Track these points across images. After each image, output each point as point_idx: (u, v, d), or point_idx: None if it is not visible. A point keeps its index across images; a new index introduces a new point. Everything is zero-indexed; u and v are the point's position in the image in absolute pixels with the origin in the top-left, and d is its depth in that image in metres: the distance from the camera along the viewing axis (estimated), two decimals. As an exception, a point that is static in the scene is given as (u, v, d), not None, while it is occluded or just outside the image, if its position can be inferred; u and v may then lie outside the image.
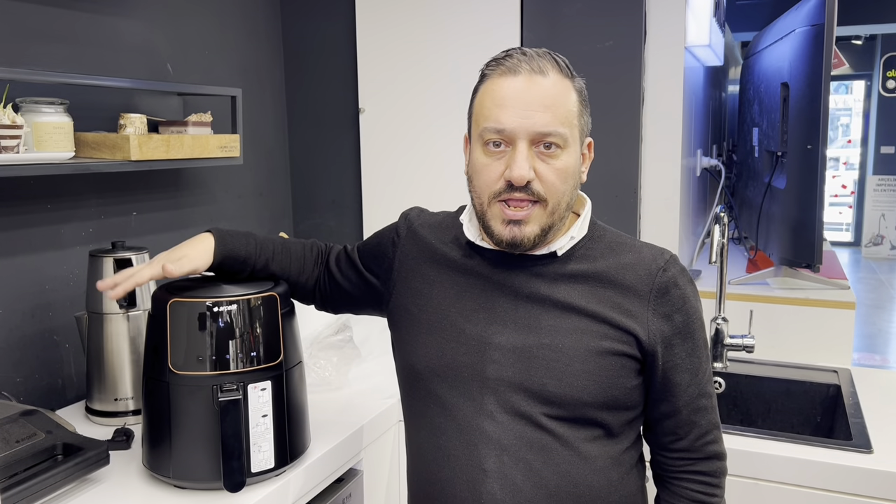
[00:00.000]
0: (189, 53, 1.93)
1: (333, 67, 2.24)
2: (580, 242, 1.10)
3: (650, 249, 1.10)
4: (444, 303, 1.11)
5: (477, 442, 1.05)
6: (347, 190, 2.29)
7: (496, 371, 1.05)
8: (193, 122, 1.73)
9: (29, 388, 1.54)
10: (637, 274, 1.06)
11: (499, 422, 1.04)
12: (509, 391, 1.04)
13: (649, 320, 1.05)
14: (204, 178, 2.00)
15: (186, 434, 1.16)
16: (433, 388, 1.10)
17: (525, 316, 1.07)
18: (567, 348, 1.04)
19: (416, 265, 1.18)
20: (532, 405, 1.04)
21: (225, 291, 1.19)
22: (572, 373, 1.03)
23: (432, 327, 1.11)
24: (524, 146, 1.01)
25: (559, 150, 1.02)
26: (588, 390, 1.03)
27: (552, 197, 1.03)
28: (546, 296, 1.06)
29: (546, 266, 1.08)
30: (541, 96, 1.01)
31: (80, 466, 1.16)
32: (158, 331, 1.17)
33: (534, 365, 1.04)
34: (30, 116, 1.40)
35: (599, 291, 1.06)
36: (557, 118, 1.01)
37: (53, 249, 1.58)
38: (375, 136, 2.20)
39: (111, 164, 1.49)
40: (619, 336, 1.04)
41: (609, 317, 1.04)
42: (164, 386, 1.16)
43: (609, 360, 1.04)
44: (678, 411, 1.09)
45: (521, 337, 1.05)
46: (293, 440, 1.24)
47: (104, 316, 1.44)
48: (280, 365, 1.20)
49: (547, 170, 1.02)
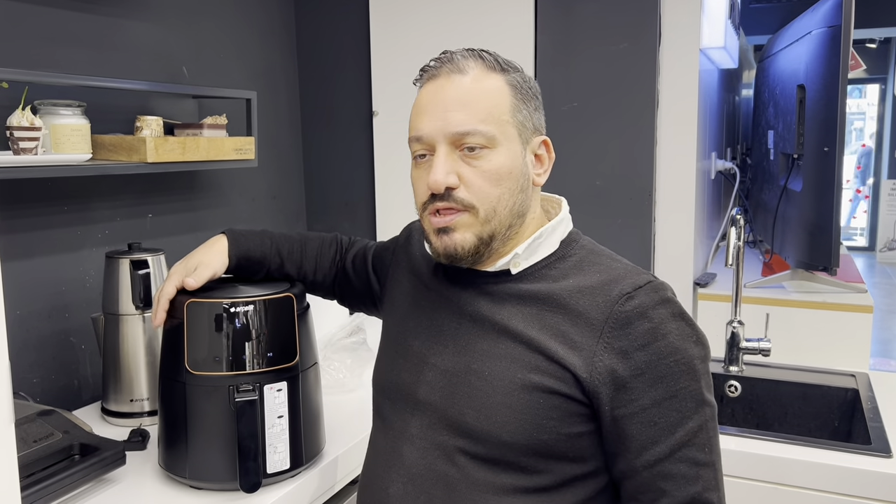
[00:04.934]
0: (204, 57, 1.94)
1: (347, 70, 2.24)
2: (545, 261, 0.97)
3: (625, 272, 0.93)
4: (406, 317, 1.06)
5: (393, 464, 0.98)
6: (361, 193, 2.29)
7: (426, 394, 0.97)
8: (209, 125, 1.74)
9: (45, 389, 1.55)
10: (594, 300, 0.90)
11: (417, 447, 0.96)
12: (433, 417, 0.96)
13: (596, 355, 0.88)
14: (218, 181, 2.01)
15: (203, 434, 1.16)
16: (378, 403, 1.07)
17: (464, 336, 0.97)
18: (492, 377, 0.91)
19: (400, 275, 1.14)
20: (449, 436, 0.93)
21: (242, 292, 1.19)
22: (491, 405, 0.90)
23: (391, 341, 1.08)
24: (443, 150, 0.92)
25: (486, 150, 0.92)
26: (507, 428, 0.89)
27: (482, 202, 0.92)
28: (486, 316, 0.95)
29: (497, 284, 0.97)
30: (457, 95, 0.92)
31: (96, 466, 1.17)
32: (176, 331, 1.17)
33: (458, 392, 0.94)
34: (48, 119, 1.41)
35: (546, 316, 0.92)
36: (476, 115, 0.91)
37: (70, 251, 1.59)
38: (389, 138, 2.20)
39: (127, 166, 1.50)
40: (553, 370, 0.89)
41: (545, 346, 0.90)
42: (181, 386, 1.16)
43: (536, 398, 0.89)
44: (636, 472, 0.89)
45: (454, 359, 0.96)
46: (308, 441, 1.23)
47: (120, 317, 1.44)
48: (296, 366, 1.20)
49: (472, 173, 0.92)
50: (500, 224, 0.94)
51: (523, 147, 0.96)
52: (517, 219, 0.96)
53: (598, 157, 1.98)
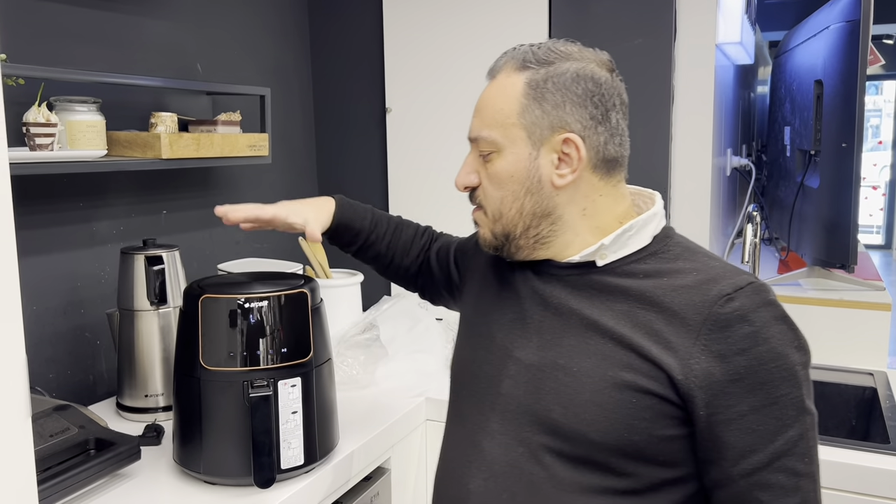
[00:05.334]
0: (218, 54, 1.94)
1: (360, 67, 2.24)
2: (635, 255, 0.93)
3: (723, 272, 0.88)
4: (487, 308, 1.05)
5: (472, 459, 0.95)
6: (373, 191, 2.29)
7: (509, 388, 0.95)
8: (223, 122, 1.74)
9: (61, 384, 1.56)
10: (691, 299, 0.86)
11: (498, 443, 0.93)
12: (516, 412, 0.93)
13: (692, 357, 0.84)
14: (232, 178, 2.01)
15: (217, 430, 1.16)
16: (458, 395, 1.05)
17: (550, 330, 0.94)
18: (581, 374, 0.89)
19: (481, 267, 1.13)
20: (534, 433, 0.91)
21: (256, 288, 1.19)
22: (580, 403, 0.88)
23: (472, 332, 1.06)
24: (472, 152, 1.00)
25: (494, 154, 0.96)
26: (597, 427, 0.86)
27: (488, 203, 0.98)
28: (573, 309, 0.93)
29: (582, 276, 0.94)
30: (479, 101, 0.98)
31: (112, 461, 1.17)
32: (190, 326, 1.18)
33: (544, 387, 0.91)
34: (63, 115, 1.42)
35: (638, 314, 0.88)
36: (483, 121, 0.96)
37: (85, 247, 1.60)
38: (402, 136, 2.20)
39: (142, 163, 1.50)
40: (646, 369, 0.86)
41: (639, 344, 0.86)
42: (196, 381, 1.17)
43: (628, 397, 0.86)
44: (731, 481, 0.85)
45: (540, 353, 0.93)
46: (322, 437, 1.23)
47: (135, 313, 1.45)
48: (310, 362, 1.20)
49: (484, 175, 0.98)
50: (509, 224, 0.97)
51: (534, 148, 0.93)
52: (536, 219, 0.95)
53: (613, 154, 1.95)
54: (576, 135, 0.92)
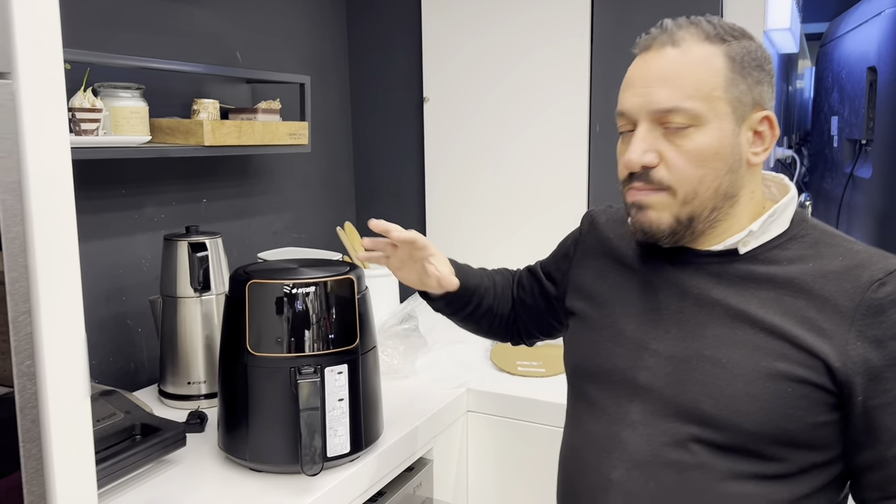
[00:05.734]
0: (257, 42, 1.93)
1: (398, 56, 2.22)
2: (775, 241, 0.91)
3: (870, 256, 0.88)
4: (610, 300, 1.01)
5: (611, 449, 0.93)
6: (410, 181, 2.27)
7: (648, 379, 0.93)
8: (263, 110, 1.73)
9: (104, 371, 1.56)
10: (841, 285, 0.85)
11: (640, 433, 0.92)
12: (658, 404, 0.91)
13: (849, 344, 0.84)
14: (270, 167, 2.01)
15: (263, 416, 1.15)
16: (584, 388, 1.01)
17: (690, 321, 0.92)
18: (731, 365, 0.87)
19: (591, 261, 1.08)
20: (680, 424, 0.89)
21: (303, 274, 1.17)
22: (732, 394, 0.87)
23: (594, 325, 1.02)
24: (644, 128, 0.89)
25: (692, 128, 0.87)
26: (752, 418, 0.86)
27: (681, 184, 0.88)
28: (717, 299, 0.91)
29: (723, 265, 0.92)
30: (663, 70, 0.88)
31: (158, 447, 1.17)
32: (236, 312, 1.17)
33: (689, 378, 0.89)
34: (107, 101, 1.42)
35: (787, 301, 0.87)
36: (682, 91, 0.87)
37: (127, 234, 1.60)
38: (439, 126, 2.17)
39: (185, 149, 1.50)
40: (803, 359, 0.85)
41: (792, 334, 0.85)
42: (242, 367, 1.15)
43: (784, 387, 0.85)
44: (887, 463, 0.85)
45: (681, 345, 0.91)
46: (368, 426, 1.22)
47: (178, 300, 1.44)
48: (356, 349, 1.19)
49: (674, 153, 0.88)
50: (700, 206, 0.90)
51: (737, 125, 0.89)
52: (724, 200, 0.91)
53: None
54: (773, 113, 0.91)
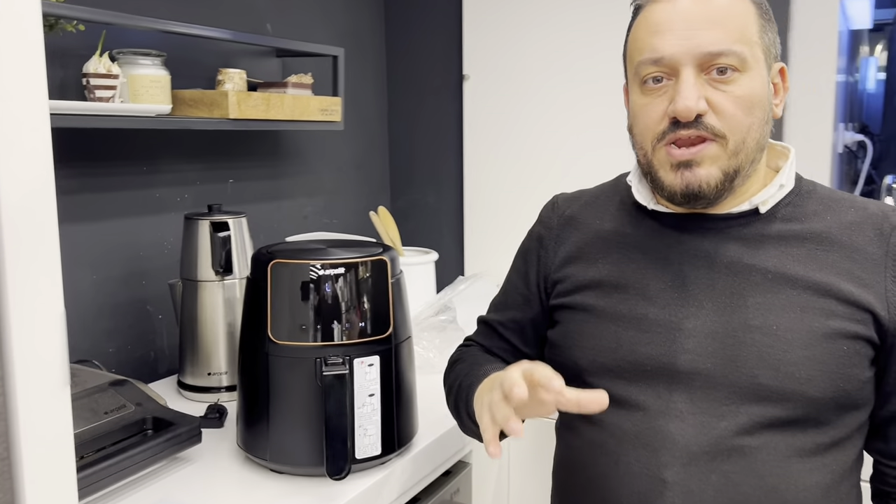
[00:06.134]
0: (288, 13, 1.82)
1: (437, 30, 2.09)
2: (787, 198, 0.89)
3: (876, 205, 0.89)
4: (620, 285, 0.91)
5: (658, 447, 0.84)
6: (448, 164, 2.14)
7: (690, 362, 0.84)
8: (293, 84, 1.62)
9: (121, 360, 1.46)
10: (865, 234, 0.85)
11: (691, 424, 0.83)
12: (707, 387, 0.84)
13: (889, 290, 0.83)
14: (302, 146, 1.90)
15: (285, 412, 1.03)
16: (606, 387, 0.85)
17: (725, 292, 0.86)
18: (784, 330, 0.83)
19: (575, 252, 0.98)
20: (738, 404, 0.82)
21: (331, 254, 1.06)
22: (792, 361, 0.81)
23: (604, 316, 0.91)
24: (690, 73, 0.82)
25: (737, 73, 0.82)
26: (815, 383, 0.81)
27: (733, 132, 0.83)
28: (751, 265, 0.86)
29: (746, 227, 0.88)
30: (706, 11, 0.83)
31: (171, 443, 1.06)
32: (258, 295, 1.05)
33: (741, 353, 0.83)
34: (126, 69, 1.31)
35: (821, 256, 0.85)
36: (730, 34, 0.82)
37: (148, 214, 1.50)
38: (480, 105, 2.04)
39: (209, 122, 1.39)
40: (852, 313, 0.83)
41: (837, 288, 0.83)
42: (263, 357, 1.04)
43: (840, 346, 0.82)
44: None
45: (721, 319, 0.85)
46: (402, 425, 1.10)
47: (198, 283, 1.34)
48: (389, 339, 1.06)
49: (723, 99, 0.82)
50: (746, 159, 0.85)
51: (768, 73, 0.87)
52: (760, 153, 0.87)
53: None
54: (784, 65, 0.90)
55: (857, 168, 2.49)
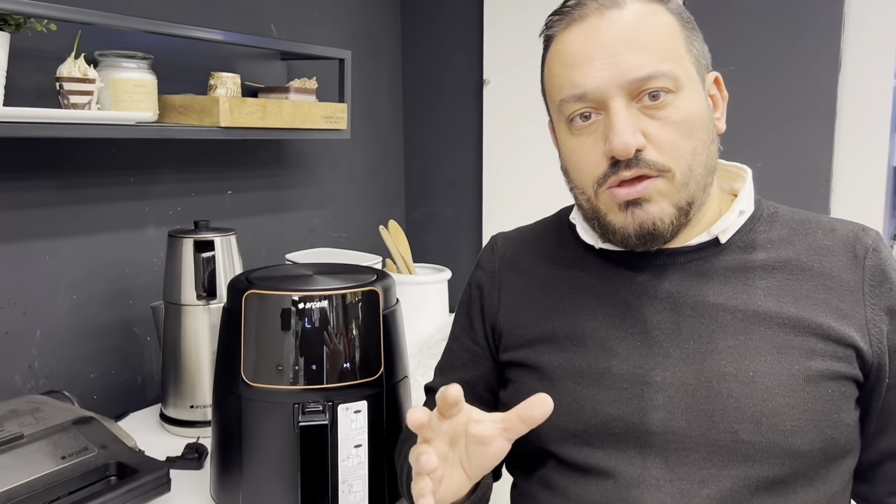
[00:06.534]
0: (296, 14, 1.71)
1: (456, 32, 1.97)
2: (745, 225, 0.81)
3: (844, 226, 0.81)
4: (575, 336, 0.80)
5: None
6: (467, 172, 2.01)
7: (662, 421, 0.74)
8: (296, 88, 1.51)
9: (104, 385, 1.36)
10: (838, 259, 0.78)
11: (668, 493, 0.72)
12: (683, 449, 0.73)
13: (868, 321, 0.76)
14: (309, 156, 1.78)
15: (260, 463, 0.91)
16: (566, 455, 0.78)
17: (692, 336, 0.76)
18: (762, 376, 0.73)
19: (522, 299, 0.86)
20: (719, 466, 0.72)
21: (315, 283, 0.93)
22: (774, 411, 0.72)
23: (561, 373, 0.80)
24: (620, 105, 0.73)
25: (671, 95, 0.73)
26: (801, 434, 0.72)
27: (678, 162, 0.73)
28: (717, 303, 0.76)
29: (707, 261, 0.79)
30: (624, 32, 0.74)
31: (135, 493, 0.94)
32: (233, 329, 0.93)
33: (717, 407, 0.73)
34: (108, 72, 1.21)
35: (794, 286, 0.76)
36: (655, 53, 0.73)
37: (136, 229, 1.39)
38: (501, 111, 1.91)
39: (198, 130, 1.28)
40: (834, 350, 0.74)
41: (816, 323, 0.75)
42: (236, 400, 0.92)
43: (824, 389, 0.73)
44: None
45: (691, 368, 0.75)
46: (394, 479, 0.96)
47: (182, 307, 1.22)
48: (380, 380, 0.94)
49: (660, 128, 0.73)
50: (697, 187, 0.75)
51: (703, 86, 0.79)
52: (711, 177, 0.78)
53: (761, 133, 1.61)
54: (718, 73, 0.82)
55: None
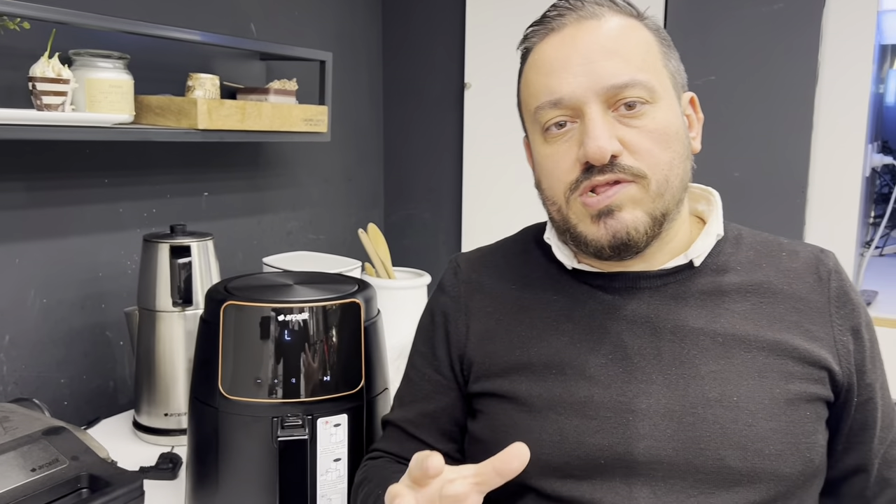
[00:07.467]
0: (276, 15, 1.69)
1: (437, 35, 1.96)
2: (714, 247, 0.80)
3: (805, 248, 0.83)
4: (553, 364, 0.77)
5: None
6: (446, 177, 2.00)
7: (648, 450, 0.72)
8: (275, 90, 1.48)
9: (75, 391, 1.33)
10: (805, 281, 0.79)
11: None
12: (670, 477, 0.72)
13: (837, 341, 0.77)
14: (287, 158, 1.76)
15: (237, 478, 0.90)
16: (548, 489, 0.75)
17: (674, 361, 0.75)
18: (745, 400, 0.73)
19: (493, 325, 0.82)
20: (707, 493, 0.71)
21: (295, 294, 0.92)
22: (759, 436, 0.72)
23: (541, 403, 0.76)
24: (597, 111, 0.72)
25: (647, 105, 0.73)
26: (784, 458, 0.72)
27: (654, 170, 0.73)
28: (697, 327, 0.75)
29: (683, 284, 0.78)
30: (602, 42, 0.74)
31: (107, 506, 0.92)
32: (210, 340, 0.91)
33: (703, 433, 0.72)
34: (82, 72, 1.18)
35: (767, 309, 0.77)
36: (632, 63, 0.73)
37: (109, 231, 1.36)
38: (482, 115, 1.90)
39: (174, 133, 1.26)
40: (809, 373, 0.75)
41: (792, 346, 0.75)
42: (213, 413, 0.90)
43: (803, 412, 0.74)
44: (869, 464, 0.81)
45: (675, 394, 0.73)
46: (373, 491, 0.95)
47: (156, 314, 1.20)
48: (360, 394, 0.92)
49: (636, 135, 0.73)
50: (672, 199, 0.75)
51: (679, 104, 0.79)
52: (684, 193, 0.78)
53: (739, 143, 1.62)
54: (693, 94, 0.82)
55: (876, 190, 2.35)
